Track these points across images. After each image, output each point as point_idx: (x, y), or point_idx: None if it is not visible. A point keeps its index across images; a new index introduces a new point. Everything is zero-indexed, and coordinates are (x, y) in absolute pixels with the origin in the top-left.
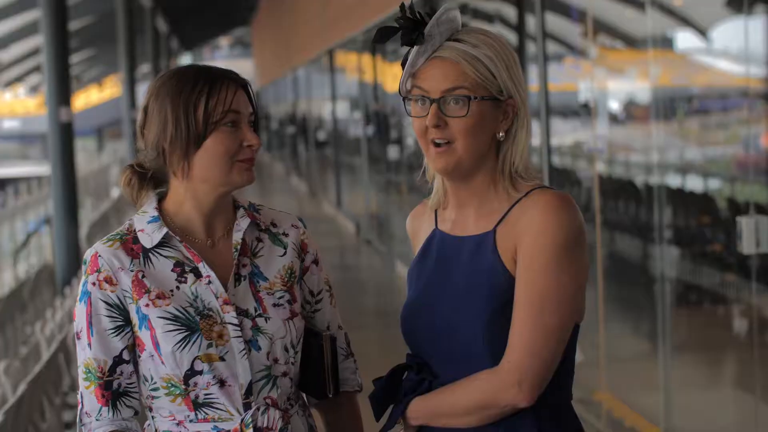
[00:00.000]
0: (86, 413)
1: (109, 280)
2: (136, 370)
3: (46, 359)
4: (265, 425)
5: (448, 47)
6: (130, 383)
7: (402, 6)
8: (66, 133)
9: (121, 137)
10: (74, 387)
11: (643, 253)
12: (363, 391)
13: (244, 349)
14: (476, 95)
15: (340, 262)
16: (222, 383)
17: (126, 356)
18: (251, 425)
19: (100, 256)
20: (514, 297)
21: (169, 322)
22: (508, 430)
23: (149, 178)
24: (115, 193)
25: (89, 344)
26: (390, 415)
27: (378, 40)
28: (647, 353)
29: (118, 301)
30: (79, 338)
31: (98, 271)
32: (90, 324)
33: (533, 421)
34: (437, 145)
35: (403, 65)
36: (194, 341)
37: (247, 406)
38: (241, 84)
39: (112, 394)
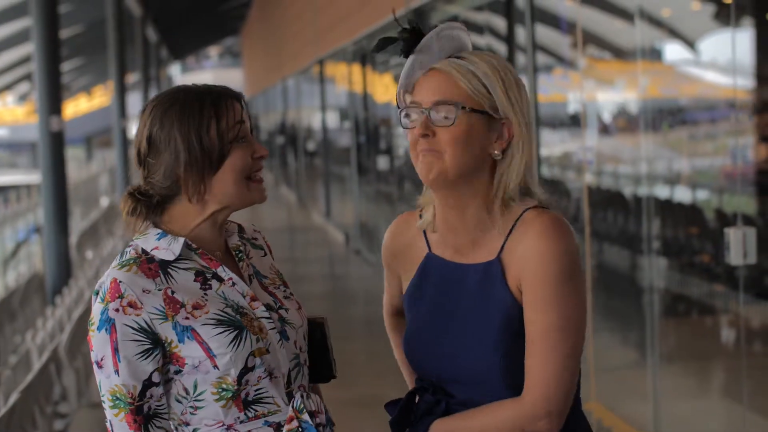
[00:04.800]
0: None
1: (133, 305)
2: (166, 390)
3: (38, 369)
4: (313, 408)
5: (446, 60)
6: (160, 405)
7: (404, 19)
8: (56, 142)
9: (109, 145)
10: (65, 396)
11: (631, 263)
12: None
13: (280, 340)
14: (465, 105)
15: (330, 272)
16: (271, 375)
17: (156, 379)
18: (304, 410)
19: (120, 281)
20: (525, 329)
21: (214, 326)
22: None
23: (155, 202)
24: (105, 201)
25: (116, 371)
26: None
27: (378, 50)
28: (636, 363)
29: (145, 325)
30: (101, 367)
31: (121, 296)
32: (115, 350)
33: None
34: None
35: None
36: (245, 338)
37: (289, 396)
38: (236, 97)
39: (144, 418)
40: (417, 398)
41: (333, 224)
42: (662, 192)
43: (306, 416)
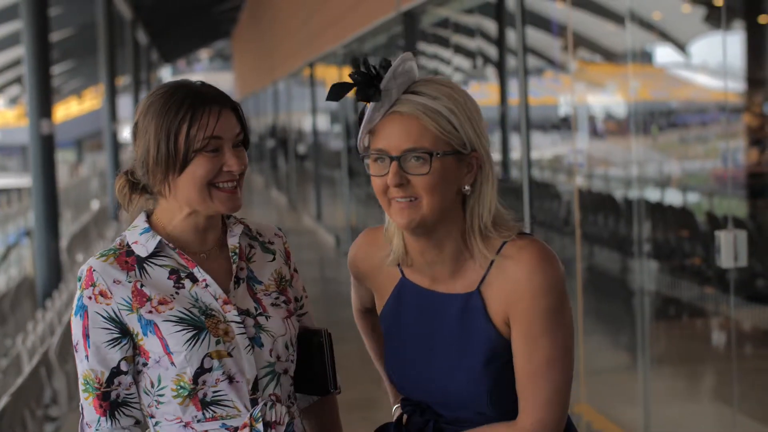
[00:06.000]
0: (87, 424)
1: (103, 294)
2: (136, 381)
3: (28, 372)
4: (273, 419)
5: (407, 101)
6: (129, 394)
7: (356, 60)
8: (47, 146)
9: (100, 149)
10: (56, 400)
11: (622, 266)
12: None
13: (248, 345)
14: (438, 151)
15: (320, 275)
16: (231, 379)
17: (124, 367)
18: (260, 419)
19: (94, 270)
20: (516, 360)
21: (175, 324)
22: None
23: (140, 188)
24: (95, 205)
25: (86, 356)
26: None
27: (332, 98)
28: (627, 366)
29: (113, 314)
30: (76, 351)
31: (93, 285)
32: (86, 336)
33: None
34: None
35: (359, 121)
36: (203, 339)
37: (253, 402)
38: (231, 106)
39: (110, 404)
40: (404, 418)
41: (324, 227)
42: (653, 195)
43: (260, 425)
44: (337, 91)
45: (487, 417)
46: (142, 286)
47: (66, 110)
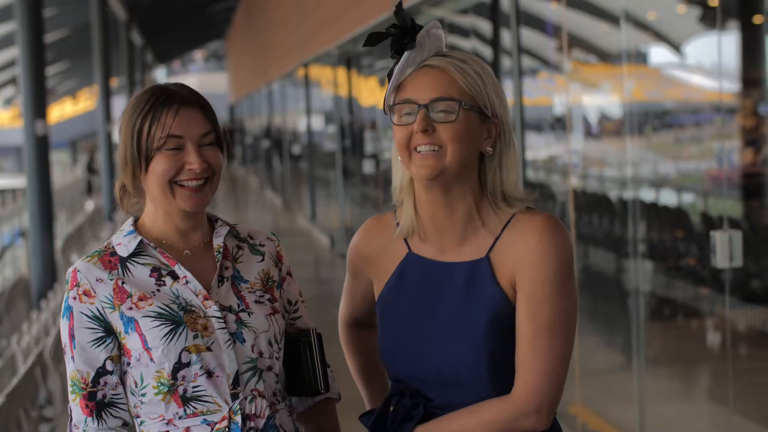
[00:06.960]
0: (74, 425)
1: (87, 294)
2: (123, 383)
3: (23, 372)
4: (252, 412)
5: (437, 58)
6: (116, 394)
7: (397, 11)
8: (41, 146)
9: (95, 150)
10: (51, 400)
11: (617, 266)
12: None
13: (228, 340)
14: (465, 102)
15: (315, 276)
16: (210, 374)
17: (109, 367)
18: (239, 412)
19: (79, 271)
20: (519, 325)
21: (153, 319)
22: None
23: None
24: (90, 206)
25: (72, 357)
26: None
27: (368, 44)
28: (622, 366)
29: (97, 313)
30: (65, 352)
31: (78, 285)
32: (72, 337)
33: None
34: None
35: (389, 76)
36: (180, 333)
37: (234, 397)
38: (198, 105)
39: (97, 404)
40: (392, 405)
41: (318, 228)
42: (648, 195)
43: (238, 418)
44: (373, 39)
45: (480, 397)
46: (123, 283)
47: (60, 111)
